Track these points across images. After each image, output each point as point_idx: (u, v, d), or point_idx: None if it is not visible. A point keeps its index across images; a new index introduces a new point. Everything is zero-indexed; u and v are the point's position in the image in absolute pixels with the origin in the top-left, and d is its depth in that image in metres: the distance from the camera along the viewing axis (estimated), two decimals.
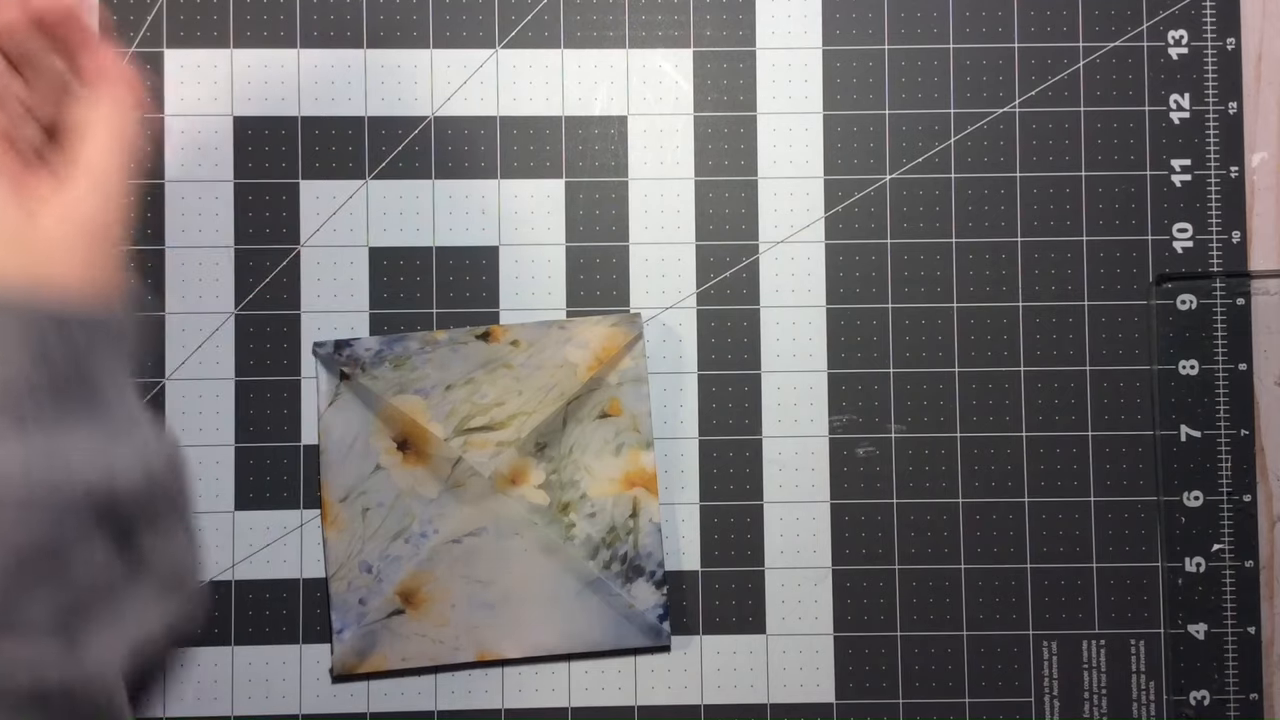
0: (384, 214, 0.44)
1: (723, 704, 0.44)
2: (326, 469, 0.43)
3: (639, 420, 0.43)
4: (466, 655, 0.43)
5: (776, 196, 0.45)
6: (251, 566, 0.43)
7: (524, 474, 0.43)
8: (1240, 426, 0.44)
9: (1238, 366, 0.44)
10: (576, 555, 0.43)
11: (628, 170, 0.45)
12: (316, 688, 0.43)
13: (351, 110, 0.44)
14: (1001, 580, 0.44)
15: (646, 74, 0.45)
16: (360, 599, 0.43)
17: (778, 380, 0.44)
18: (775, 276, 0.44)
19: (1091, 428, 0.44)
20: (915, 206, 0.45)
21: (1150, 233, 0.45)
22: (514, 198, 0.44)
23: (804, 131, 0.45)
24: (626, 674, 0.44)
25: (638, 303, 0.44)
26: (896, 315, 0.45)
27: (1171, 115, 0.45)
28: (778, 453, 0.44)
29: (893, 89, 0.45)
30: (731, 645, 0.44)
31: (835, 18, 0.45)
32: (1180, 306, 0.44)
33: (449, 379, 0.43)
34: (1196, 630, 0.44)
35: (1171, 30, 0.45)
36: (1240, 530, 0.44)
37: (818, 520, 0.44)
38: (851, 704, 0.44)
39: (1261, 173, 0.45)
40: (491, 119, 0.45)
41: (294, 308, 0.44)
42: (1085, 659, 0.44)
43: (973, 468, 0.44)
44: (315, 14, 0.44)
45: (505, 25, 0.45)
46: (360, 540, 0.43)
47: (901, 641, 0.44)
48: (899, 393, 0.44)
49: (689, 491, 0.44)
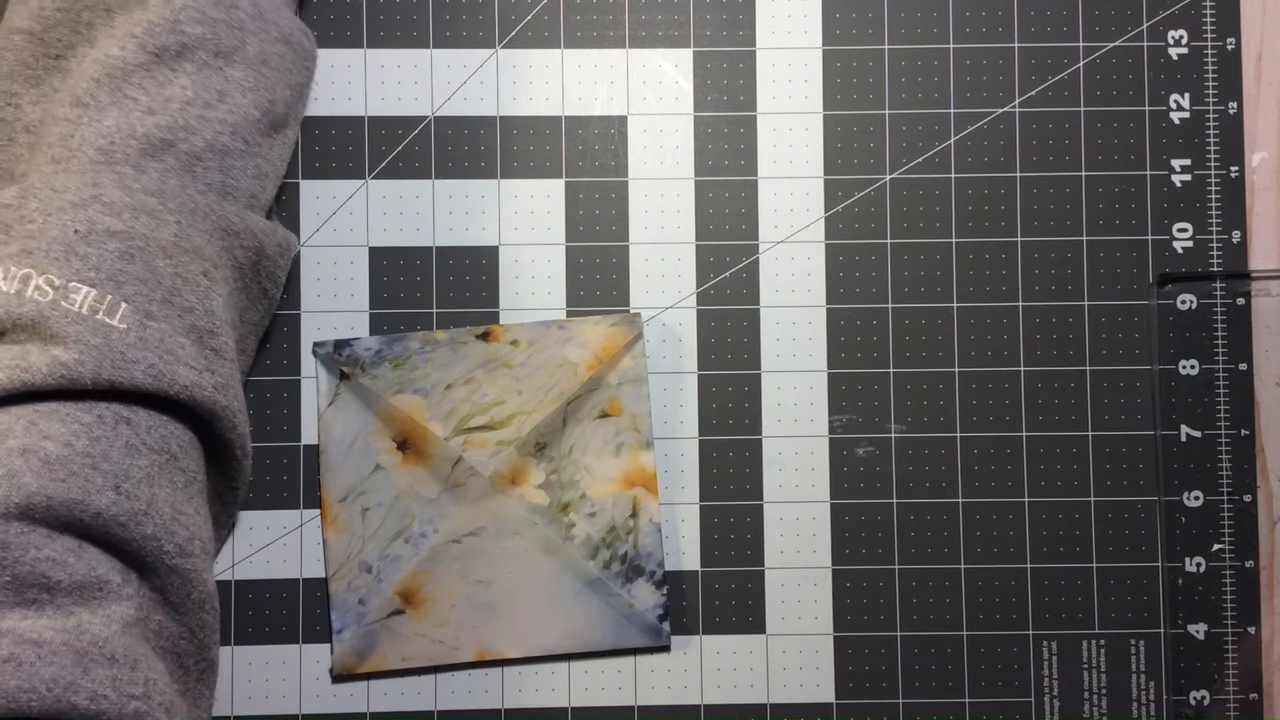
0: (384, 214, 0.44)
1: (723, 704, 0.44)
2: (326, 469, 0.43)
3: (639, 420, 0.43)
4: (466, 655, 0.43)
5: (776, 196, 0.45)
6: (251, 566, 0.43)
7: (524, 474, 0.43)
8: (1240, 426, 0.44)
9: (1238, 366, 0.44)
10: (576, 555, 0.43)
11: (628, 170, 0.45)
12: (316, 688, 0.43)
13: (351, 110, 0.44)
14: (1001, 580, 0.44)
15: (646, 74, 0.45)
16: (360, 599, 0.43)
17: (778, 380, 0.44)
18: (775, 276, 0.44)
19: (1091, 428, 0.44)
20: (915, 206, 0.45)
21: (1150, 233, 0.45)
22: (514, 198, 0.44)
23: (804, 131, 0.45)
24: (626, 674, 0.44)
25: (638, 303, 0.44)
26: (896, 315, 0.45)
27: (1171, 115, 0.45)
28: (778, 453, 0.44)
29: (893, 89, 0.45)
30: (731, 645, 0.44)
31: (835, 18, 0.45)
32: (1180, 306, 0.44)
33: (449, 379, 0.43)
34: (1196, 630, 0.44)
35: (1171, 30, 0.45)
36: (1240, 530, 0.44)
37: (818, 520, 0.44)
38: (851, 704, 0.44)
39: (1261, 173, 0.45)
40: (491, 119, 0.45)
41: (294, 308, 0.44)
42: (1085, 659, 0.44)
43: (973, 468, 0.44)
44: (315, 14, 0.44)
45: (505, 25, 0.45)
46: (360, 540, 0.43)
47: (901, 641, 0.44)
48: (899, 393, 0.44)
49: (689, 491, 0.44)
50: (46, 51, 0.38)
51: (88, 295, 0.34)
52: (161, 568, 0.35)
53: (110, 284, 0.35)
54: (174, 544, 0.35)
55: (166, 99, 0.37)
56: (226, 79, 0.38)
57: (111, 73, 0.37)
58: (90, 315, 0.34)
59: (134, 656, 0.33)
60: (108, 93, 0.37)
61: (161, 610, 0.36)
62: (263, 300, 0.41)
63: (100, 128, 0.36)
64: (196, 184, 0.37)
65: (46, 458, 0.33)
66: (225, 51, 0.38)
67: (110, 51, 0.37)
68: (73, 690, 0.31)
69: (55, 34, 0.38)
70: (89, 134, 0.36)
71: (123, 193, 0.36)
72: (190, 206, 0.37)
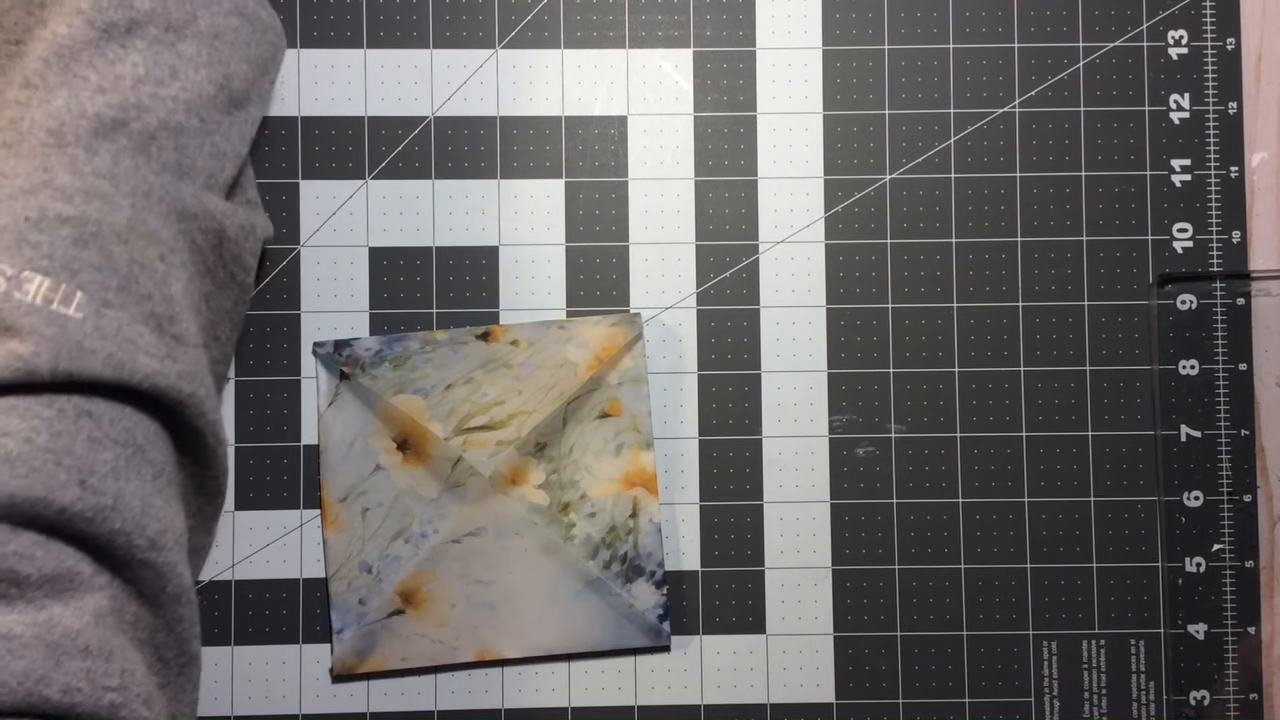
0: (384, 214, 0.44)
1: (723, 704, 0.44)
2: (326, 469, 0.43)
3: (639, 420, 0.43)
4: (466, 655, 0.43)
5: (776, 196, 0.45)
6: (251, 566, 0.43)
7: (524, 474, 0.43)
8: (1240, 426, 0.44)
9: (1238, 366, 0.44)
10: (576, 555, 0.43)
11: (628, 170, 0.45)
12: (316, 688, 0.43)
13: (351, 110, 0.44)
14: (1001, 580, 0.44)
15: (646, 74, 0.45)
16: (360, 599, 0.43)
17: (778, 380, 0.44)
18: (775, 276, 0.44)
19: (1091, 428, 0.44)
20: (915, 206, 0.45)
21: (1150, 233, 0.45)
22: (514, 198, 0.44)
23: (804, 131, 0.45)
24: (626, 674, 0.44)
25: (638, 303, 0.44)
26: (896, 315, 0.45)
27: (1171, 115, 0.45)
28: (778, 453, 0.44)
29: (893, 89, 0.45)
30: (731, 645, 0.44)
31: (835, 18, 0.45)
32: (1180, 307, 0.44)
33: (449, 379, 0.43)
34: (1196, 630, 0.44)
35: (1171, 30, 0.45)
36: (1240, 530, 0.44)
37: (818, 520, 0.44)
38: (851, 704, 0.44)
39: (1261, 173, 0.45)
40: (491, 119, 0.45)
41: (294, 308, 0.44)
42: (1085, 659, 0.44)
43: (973, 468, 0.44)
44: (315, 14, 0.44)
45: (505, 25, 0.45)
46: (360, 540, 0.43)
47: (901, 641, 0.44)
48: (899, 393, 0.44)
49: (689, 491, 0.44)
50: (6, 37, 0.37)
51: (41, 284, 0.33)
52: (133, 562, 0.34)
53: (64, 272, 0.33)
54: (144, 538, 0.34)
55: (117, 77, 0.36)
56: (178, 54, 0.37)
57: (60, 52, 0.36)
58: (45, 305, 0.33)
59: (108, 648, 0.33)
60: (56, 72, 0.35)
61: (136, 602, 0.35)
62: (231, 285, 0.40)
63: (50, 109, 0.35)
64: (150, 164, 0.36)
65: (7, 455, 0.32)
66: (176, 26, 0.37)
67: (58, 30, 0.36)
68: (45, 683, 0.31)
69: (12, 17, 0.37)
70: (39, 115, 0.35)
71: (74, 176, 0.35)
72: (144, 189, 0.36)
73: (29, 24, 0.37)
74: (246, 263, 0.40)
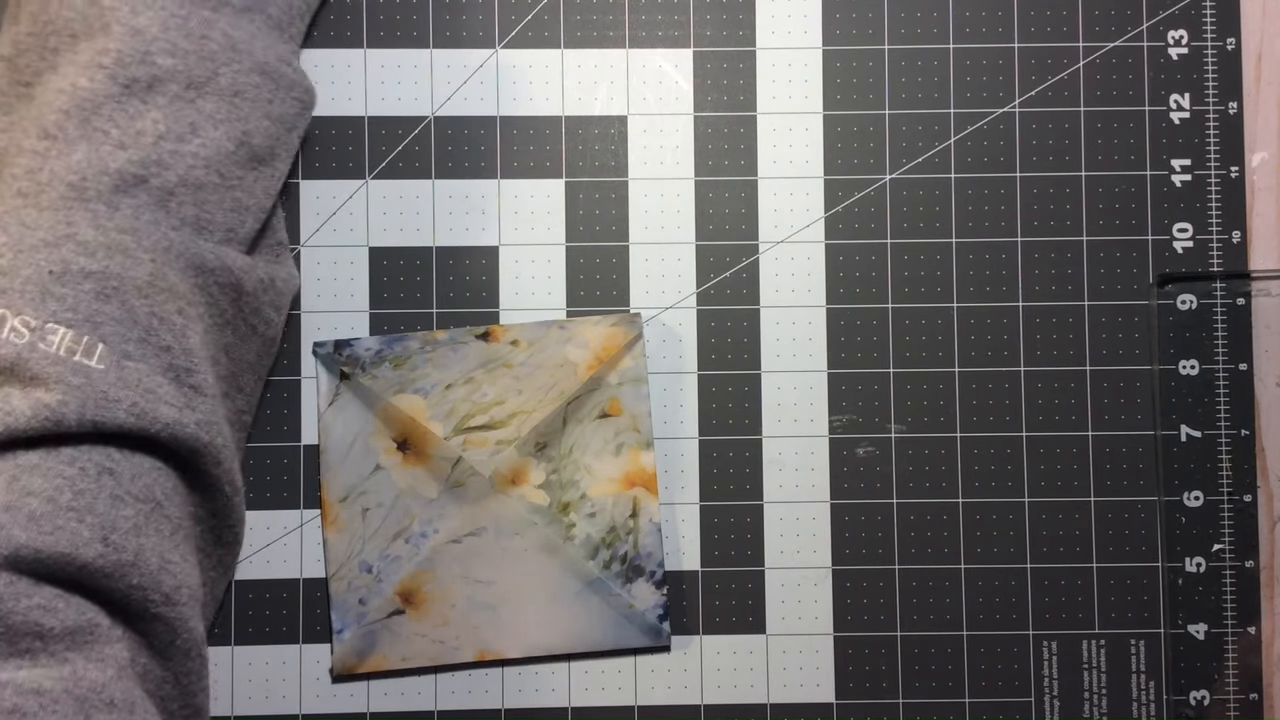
0: (384, 214, 0.44)
1: (723, 704, 0.44)
2: (326, 469, 0.43)
3: (639, 420, 0.43)
4: (466, 655, 0.43)
5: (776, 196, 0.45)
6: (251, 566, 0.43)
7: (524, 474, 0.43)
8: (1240, 426, 0.44)
9: (1238, 366, 0.44)
10: (576, 555, 0.43)
11: (628, 170, 0.45)
12: (316, 688, 0.43)
13: (351, 110, 0.44)
14: (1001, 580, 0.44)
15: (646, 74, 0.45)
16: (360, 599, 0.43)
17: (778, 380, 0.44)
18: (775, 276, 0.44)
19: (1091, 428, 0.44)
20: (915, 206, 0.45)
21: (1150, 233, 0.45)
22: (514, 198, 0.44)
23: (804, 131, 0.45)
24: (626, 674, 0.44)
25: (638, 303, 0.44)
26: (896, 315, 0.45)
27: (1171, 115, 0.45)
28: (778, 453, 0.44)
29: (893, 89, 0.45)
30: (731, 645, 0.44)
31: (835, 18, 0.45)
32: (1180, 306, 0.44)
33: (449, 378, 0.43)
34: (1196, 630, 0.44)
35: (1171, 30, 0.45)
36: (1240, 530, 0.44)
37: (818, 520, 0.44)
38: (851, 704, 0.44)
39: (1261, 173, 0.45)
40: (491, 119, 0.45)
41: (294, 308, 0.44)
42: (1085, 659, 0.44)
43: (973, 468, 0.44)
44: (316, 14, 0.44)
45: (505, 25, 0.45)
46: (360, 540, 0.43)
47: (901, 641, 0.44)
48: (899, 393, 0.44)
49: (689, 491, 0.44)
50: (18, 78, 0.37)
51: (65, 336, 0.34)
52: (146, 615, 0.35)
53: (87, 325, 0.34)
54: (160, 593, 0.35)
55: (138, 133, 0.36)
56: (198, 111, 0.38)
57: (80, 104, 0.36)
58: (68, 357, 0.34)
59: (131, 700, 0.33)
60: (76, 125, 0.36)
61: (146, 654, 0.35)
62: (253, 338, 0.40)
63: (70, 162, 0.36)
64: (170, 220, 0.37)
65: (31, 514, 0.32)
66: (197, 83, 0.38)
67: (79, 82, 0.36)
68: None
69: (25, 60, 0.37)
70: (58, 168, 0.36)
71: (97, 231, 0.35)
72: (164, 244, 0.36)
73: (40, 68, 0.37)
74: (267, 315, 0.41)
